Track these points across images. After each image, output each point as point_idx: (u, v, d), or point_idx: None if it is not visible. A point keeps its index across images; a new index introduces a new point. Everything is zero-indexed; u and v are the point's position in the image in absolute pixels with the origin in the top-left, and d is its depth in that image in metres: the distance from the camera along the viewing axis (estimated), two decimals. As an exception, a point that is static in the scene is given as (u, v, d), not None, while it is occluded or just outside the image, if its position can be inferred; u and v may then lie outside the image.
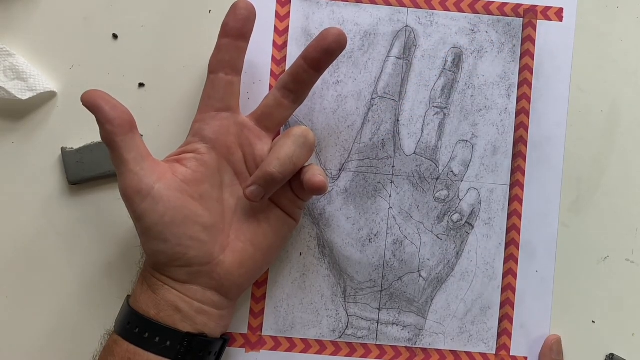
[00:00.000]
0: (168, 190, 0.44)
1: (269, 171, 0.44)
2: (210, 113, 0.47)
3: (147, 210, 0.44)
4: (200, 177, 0.46)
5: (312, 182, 0.44)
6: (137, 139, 0.44)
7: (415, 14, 0.53)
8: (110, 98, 0.44)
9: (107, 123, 0.43)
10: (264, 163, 0.45)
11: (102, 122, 0.43)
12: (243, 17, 0.46)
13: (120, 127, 0.43)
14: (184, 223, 0.44)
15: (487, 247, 0.52)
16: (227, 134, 0.47)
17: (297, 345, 0.52)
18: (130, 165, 0.44)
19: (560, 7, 0.53)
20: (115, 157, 0.44)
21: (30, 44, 0.52)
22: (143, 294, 0.46)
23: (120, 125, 0.43)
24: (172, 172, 0.45)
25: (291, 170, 0.45)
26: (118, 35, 0.52)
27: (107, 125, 0.43)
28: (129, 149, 0.44)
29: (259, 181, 0.45)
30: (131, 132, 0.44)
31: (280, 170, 0.44)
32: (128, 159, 0.44)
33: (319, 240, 0.52)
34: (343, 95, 0.52)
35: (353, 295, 0.52)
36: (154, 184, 0.44)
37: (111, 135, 0.43)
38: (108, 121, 0.43)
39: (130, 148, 0.44)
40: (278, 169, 0.44)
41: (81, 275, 0.52)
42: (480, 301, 0.52)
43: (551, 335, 0.52)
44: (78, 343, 0.51)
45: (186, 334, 0.45)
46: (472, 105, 0.53)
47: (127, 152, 0.44)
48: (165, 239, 0.44)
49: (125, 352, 0.44)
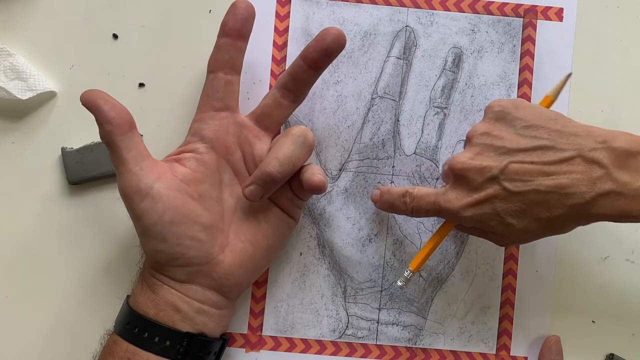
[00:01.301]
0: (167, 189, 0.44)
1: (268, 171, 0.44)
2: (210, 112, 0.47)
3: (147, 210, 0.44)
4: (200, 176, 0.46)
5: (311, 182, 0.44)
6: (136, 138, 0.44)
7: (415, 13, 0.53)
8: (109, 97, 0.44)
9: (106, 123, 0.43)
10: (263, 163, 0.45)
11: (101, 122, 0.43)
12: (242, 16, 0.46)
13: (119, 127, 0.43)
14: (183, 222, 0.44)
15: (487, 247, 0.52)
16: (226, 134, 0.47)
17: (297, 345, 0.52)
18: (129, 165, 0.44)
19: (561, 7, 0.53)
20: (114, 157, 0.44)
21: (30, 44, 0.52)
22: (142, 294, 0.46)
23: (119, 124, 0.43)
24: (172, 172, 0.45)
25: (290, 170, 0.45)
26: (118, 35, 0.52)
27: (106, 125, 0.43)
28: (128, 148, 0.44)
29: (258, 181, 0.45)
30: (130, 131, 0.44)
31: (279, 170, 0.44)
32: (127, 159, 0.44)
33: (319, 240, 0.52)
34: (343, 95, 0.52)
35: (353, 295, 0.52)
36: (153, 183, 0.44)
37: (110, 134, 0.43)
38: (107, 121, 0.43)
39: (129, 147, 0.44)
40: (277, 168, 0.44)
41: (81, 275, 0.52)
42: (480, 301, 0.52)
43: (550, 335, 0.52)
44: (78, 343, 0.51)
45: (186, 334, 0.45)
46: (472, 105, 0.53)
47: (126, 151, 0.44)
48: (164, 239, 0.44)
49: (125, 352, 0.44)
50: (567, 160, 0.41)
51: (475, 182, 0.43)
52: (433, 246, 0.47)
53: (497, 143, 0.43)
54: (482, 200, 0.43)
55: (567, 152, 0.41)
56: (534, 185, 0.42)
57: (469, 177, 0.43)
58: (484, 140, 0.44)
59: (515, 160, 0.42)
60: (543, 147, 0.42)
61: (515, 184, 0.42)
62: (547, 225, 0.43)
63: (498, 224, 0.43)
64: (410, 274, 0.47)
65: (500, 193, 0.42)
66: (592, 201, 0.41)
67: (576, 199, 0.41)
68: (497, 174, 0.42)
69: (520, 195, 0.42)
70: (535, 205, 0.42)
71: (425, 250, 0.47)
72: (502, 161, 0.43)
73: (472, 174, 0.43)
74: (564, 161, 0.42)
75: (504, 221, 0.43)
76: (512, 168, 0.42)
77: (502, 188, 0.42)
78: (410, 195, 0.47)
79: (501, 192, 0.42)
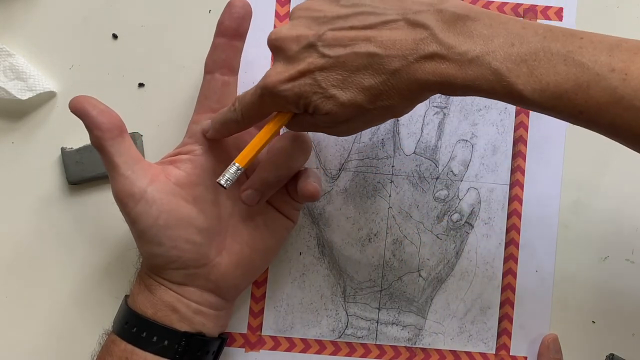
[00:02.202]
0: (161, 192, 0.44)
1: (264, 176, 0.44)
2: (207, 114, 0.47)
3: (141, 214, 0.44)
4: (195, 179, 0.46)
5: (305, 190, 0.44)
6: (127, 142, 0.44)
7: (414, 13, 0.53)
8: (97, 103, 0.44)
9: (95, 128, 0.43)
10: (259, 167, 0.45)
11: (90, 128, 0.43)
12: (238, 15, 0.46)
13: (108, 132, 0.43)
14: (178, 226, 0.44)
15: (487, 247, 0.52)
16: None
17: (297, 345, 0.52)
18: (121, 169, 0.44)
19: (560, 7, 0.53)
20: (105, 162, 0.44)
21: (30, 44, 0.52)
22: (140, 294, 0.46)
23: (108, 129, 0.43)
24: (165, 175, 0.45)
25: (287, 174, 0.45)
26: (118, 35, 0.52)
27: (95, 130, 0.43)
28: (119, 153, 0.43)
29: (255, 185, 0.45)
30: (120, 136, 0.44)
31: (275, 175, 0.44)
32: (118, 163, 0.43)
33: (318, 240, 0.52)
34: (343, 95, 0.52)
35: (353, 295, 0.52)
36: (146, 187, 0.44)
37: (100, 140, 0.43)
38: (96, 126, 0.43)
39: (120, 152, 0.43)
40: (273, 173, 0.44)
41: (80, 275, 0.52)
42: (480, 301, 0.52)
43: (548, 334, 0.52)
44: (77, 343, 0.51)
45: (184, 334, 0.45)
46: (471, 105, 0.53)
47: (117, 156, 0.43)
48: (160, 242, 0.44)
49: (123, 352, 0.44)
50: (390, 23, 0.39)
51: (292, 52, 0.40)
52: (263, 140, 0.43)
53: (316, 14, 0.40)
54: (302, 71, 0.39)
55: (390, 16, 0.39)
56: (353, 49, 0.38)
57: (285, 47, 0.40)
58: (304, 14, 0.41)
59: (333, 27, 0.39)
60: (364, 12, 0.39)
61: (334, 50, 0.39)
62: (373, 96, 0.39)
63: (321, 97, 0.39)
64: (238, 170, 0.42)
65: (319, 62, 0.39)
66: (416, 64, 0.38)
67: (398, 62, 0.38)
68: (315, 41, 0.39)
69: (340, 62, 0.39)
70: (357, 71, 0.39)
71: (254, 143, 0.43)
72: (319, 29, 0.40)
73: (287, 44, 0.40)
74: (386, 23, 0.39)
75: (326, 93, 0.39)
76: (331, 34, 0.39)
77: (321, 55, 0.39)
78: (237, 100, 0.44)
79: (320, 61, 0.39)
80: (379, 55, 0.38)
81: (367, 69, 0.39)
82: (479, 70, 0.37)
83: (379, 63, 0.38)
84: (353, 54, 0.39)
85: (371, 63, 0.38)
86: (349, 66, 0.39)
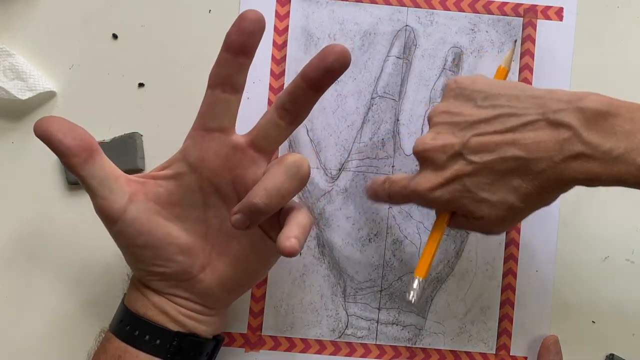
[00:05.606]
0: (140, 212, 0.43)
1: (254, 202, 0.41)
2: (201, 132, 0.43)
3: (120, 233, 0.43)
4: (176, 198, 0.44)
5: (282, 247, 0.40)
6: (100, 162, 0.42)
7: (415, 13, 0.53)
8: (61, 123, 0.41)
9: (63, 156, 0.41)
10: (251, 193, 0.42)
11: (58, 155, 0.41)
12: (247, 31, 0.41)
13: (76, 157, 0.41)
14: (157, 246, 0.43)
15: (487, 247, 0.52)
16: (214, 157, 0.43)
17: (297, 345, 0.52)
18: (97, 191, 0.42)
19: (560, 7, 0.53)
20: (82, 183, 0.42)
21: (30, 44, 0.52)
22: (133, 293, 0.46)
23: (76, 154, 0.41)
24: (144, 193, 0.43)
25: (278, 202, 0.42)
26: (118, 35, 0.52)
27: (64, 158, 0.41)
28: (91, 175, 0.42)
29: (244, 210, 0.42)
30: (91, 157, 0.42)
31: (266, 202, 0.41)
32: (93, 185, 0.42)
33: (318, 240, 0.52)
34: (343, 94, 0.52)
35: (353, 295, 0.52)
36: (125, 206, 0.42)
37: (70, 166, 0.42)
38: (62, 154, 0.41)
39: (92, 174, 0.42)
40: (264, 200, 0.41)
41: (80, 274, 0.52)
42: (480, 301, 0.52)
43: (548, 335, 0.52)
44: (76, 342, 0.51)
45: (176, 333, 0.45)
46: (472, 105, 0.53)
47: (90, 179, 0.42)
48: (140, 260, 0.44)
49: (116, 350, 0.44)
50: (531, 124, 0.39)
51: (440, 161, 0.41)
52: (434, 247, 0.45)
53: (457, 119, 0.42)
54: (450, 178, 0.41)
55: (530, 116, 0.39)
56: (499, 154, 0.40)
57: (432, 158, 0.42)
58: (443, 119, 0.42)
59: (477, 133, 0.41)
60: (504, 114, 0.40)
61: (480, 156, 0.40)
62: (523, 195, 0.40)
63: (471, 201, 0.41)
64: (421, 282, 0.44)
65: (466, 168, 0.41)
66: (563, 164, 0.38)
67: (544, 163, 0.39)
68: (460, 150, 0.41)
69: (488, 167, 0.40)
70: (504, 174, 0.40)
71: (427, 253, 0.45)
72: (464, 136, 0.41)
73: (434, 154, 0.42)
74: (528, 125, 0.39)
75: (476, 197, 0.41)
76: (475, 141, 0.40)
77: (468, 162, 0.41)
78: (389, 180, 0.45)
79: (467, 167, 0.41)
80: (525, 158, 0.39)
81: (514, 172, 0.40)
82: (624, 167, 0.38)
83: (525, 165, 0.39)
84: (500, 158, 0.40)
85: (518, 166, 0.40)
86: (496, 170, 0.40)
